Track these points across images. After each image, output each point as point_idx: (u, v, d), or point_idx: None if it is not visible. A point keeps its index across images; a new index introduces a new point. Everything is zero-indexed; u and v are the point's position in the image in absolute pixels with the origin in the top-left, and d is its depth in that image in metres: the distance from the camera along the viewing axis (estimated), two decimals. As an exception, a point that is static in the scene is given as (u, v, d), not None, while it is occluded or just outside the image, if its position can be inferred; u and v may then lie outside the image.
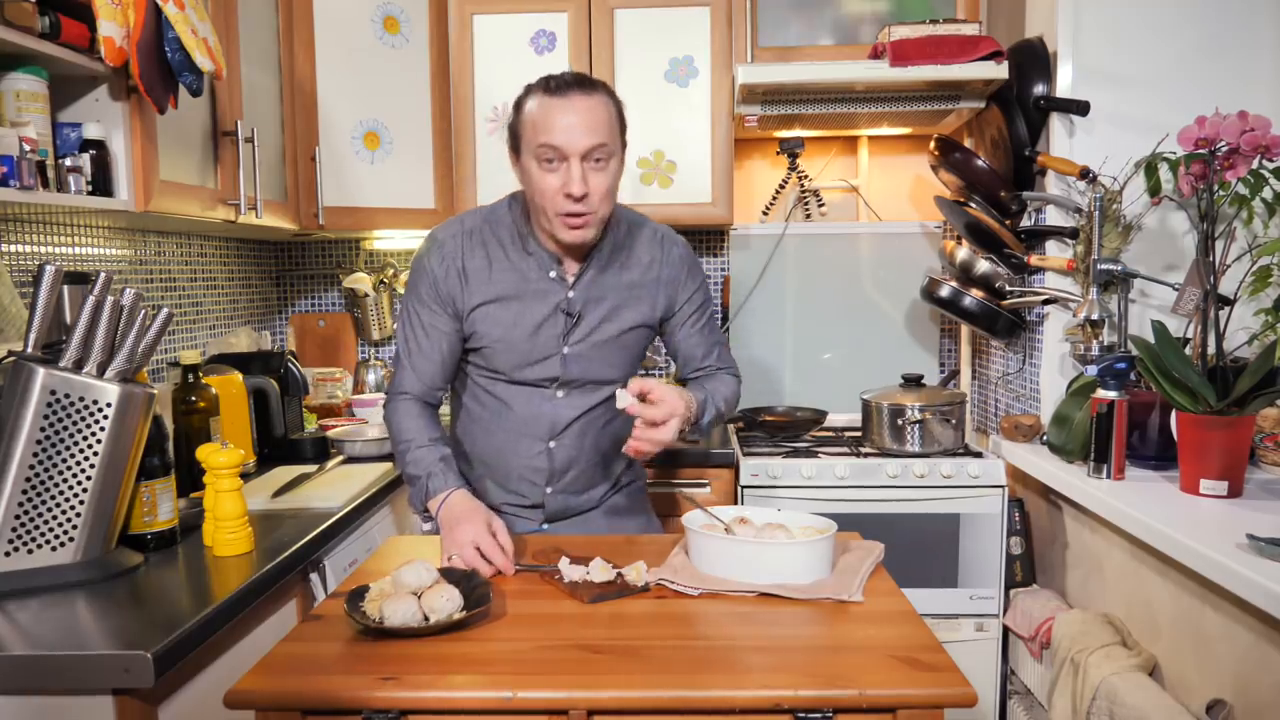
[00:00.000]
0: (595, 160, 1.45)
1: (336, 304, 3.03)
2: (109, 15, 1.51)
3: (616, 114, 1.50)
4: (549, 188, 1.46)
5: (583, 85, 1.47)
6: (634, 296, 1.62)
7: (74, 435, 1.34)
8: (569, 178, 1.44)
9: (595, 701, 0.98)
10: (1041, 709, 2.05)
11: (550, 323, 1.57)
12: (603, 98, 1.48)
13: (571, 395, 1.62)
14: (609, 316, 1.60)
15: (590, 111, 1.45)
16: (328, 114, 2.47)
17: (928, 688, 0.98)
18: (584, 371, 1.61)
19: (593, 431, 1.65)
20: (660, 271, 1.64)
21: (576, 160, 1.44)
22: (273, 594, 1.46)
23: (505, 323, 1.57)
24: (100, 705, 1.12)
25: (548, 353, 1.59)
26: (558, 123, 1.44)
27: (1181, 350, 1.75)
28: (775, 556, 1.27)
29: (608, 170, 1.47)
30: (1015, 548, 2.26)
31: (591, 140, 1.44)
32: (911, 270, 2.82)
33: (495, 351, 1.59)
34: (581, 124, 1.44)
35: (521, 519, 1.69)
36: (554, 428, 1.62)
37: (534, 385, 1.61)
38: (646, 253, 1.63)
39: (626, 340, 1.63)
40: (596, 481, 1.69)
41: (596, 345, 1.60)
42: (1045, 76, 2.21)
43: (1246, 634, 1.40)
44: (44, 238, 1.87)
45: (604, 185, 1.47)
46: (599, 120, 1.45)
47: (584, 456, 1.65)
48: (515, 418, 1.62)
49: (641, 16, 2.58)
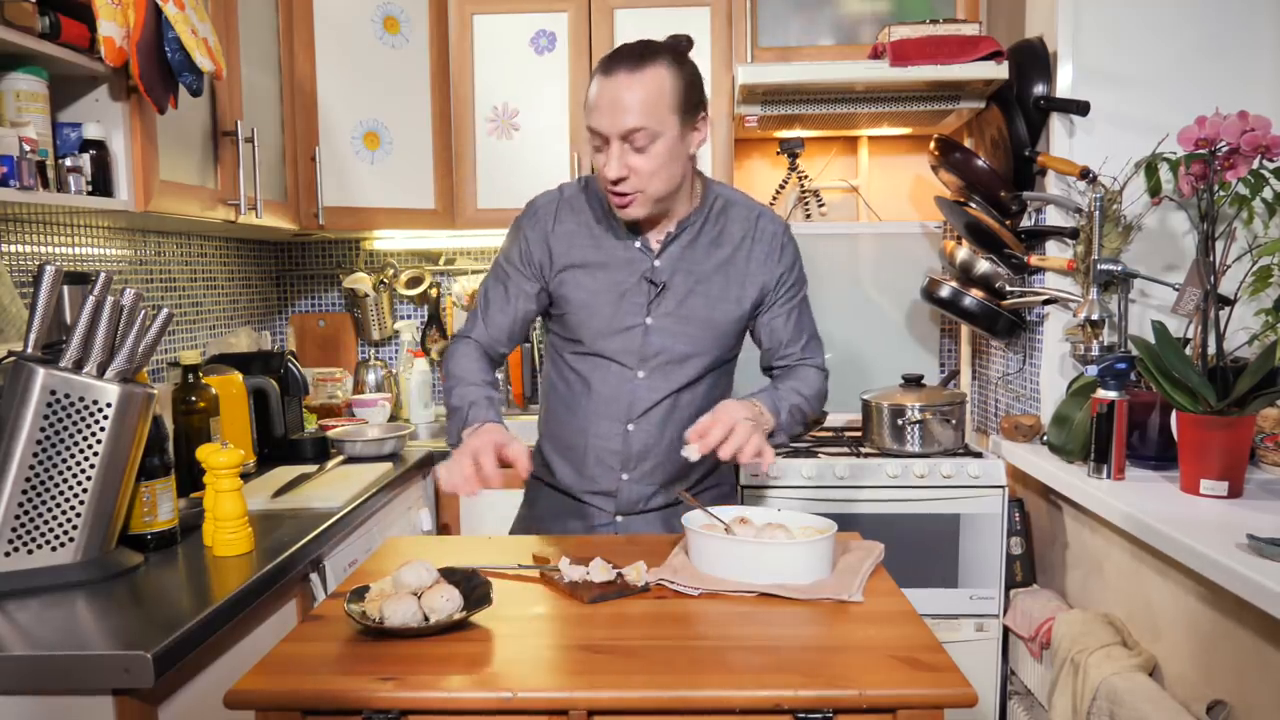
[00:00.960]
0: (638, 144, 1.43)
1: (336, 304, 3.03)
2: (109, 15, 1.51)
3: (673, 87, 1.43)
4: (597, 165, 1.47)
5: (633, 60, 1.42)
6: (723, 274, 1.58)
7: (74, 435, 1.34)
8: (608, 159, 1.44)
9: (595, 701, 0.98)
10: (1041, 709, 2.05)
11: (635, 291, 1.56)
12: (655, 70, 1.42)
13: (653, 376, 1.58)
14: (696, 291, 1.57)
15: (632, 90, 1.40)
16: (328, 114, 2.47)
17: (928, 688, 0.98)
18: (666, 346, 1.57)
19: (672, 422, 1.60)
20: (752, 249, 1.59)
21: (616, 141, 1.43)
22: (273, 594, 1.46)
23: (590, 288, 1.57)
24: (100, 705, 1.12)
25: (631, 322, 1.56)
26: (600, 101, 1.43)
27: (1181, 350, 1.75)
28: (775, 556, 1.27)
29: (649, 152, 1.43)
30: (1015, 548, 2.26)
31: (626, 124, 1.41)
32: (911, 270, 2.82)
33: (579, 319, 1.58)
34: (619, 104, 1.41)
35: (595, 509, 1.65)
36: (632, 410, 1.59)
37: (616, 362, 1.58)
38: (740, 229, 1.60)
39: (714, 319, 1.58)
40: (673, 476, 1.64)
41: (681, 319, 1.57)
42: (1045, 76, 2.21)
43: (1246, 634, 1.40)
44: (44, 238, 1.87)
45: (646, 166, 1.44)
46: (639, 99, 1.40)
47: (662, 445, 1.61)
48: (595, 397, 1.60)
49: (641, 16, 2.59)
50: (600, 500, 1.65)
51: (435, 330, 2.99)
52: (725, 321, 1.60)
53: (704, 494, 1.68)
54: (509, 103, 2.65)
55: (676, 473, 1.64)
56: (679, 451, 1.54)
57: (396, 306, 3.05)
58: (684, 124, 1.47)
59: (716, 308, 1.58)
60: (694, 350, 1.58)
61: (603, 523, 1.66)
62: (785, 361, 1.66)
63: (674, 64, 1.45)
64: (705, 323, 1.58)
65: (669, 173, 1.47)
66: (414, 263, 3.01)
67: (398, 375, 2.91)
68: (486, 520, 2.41)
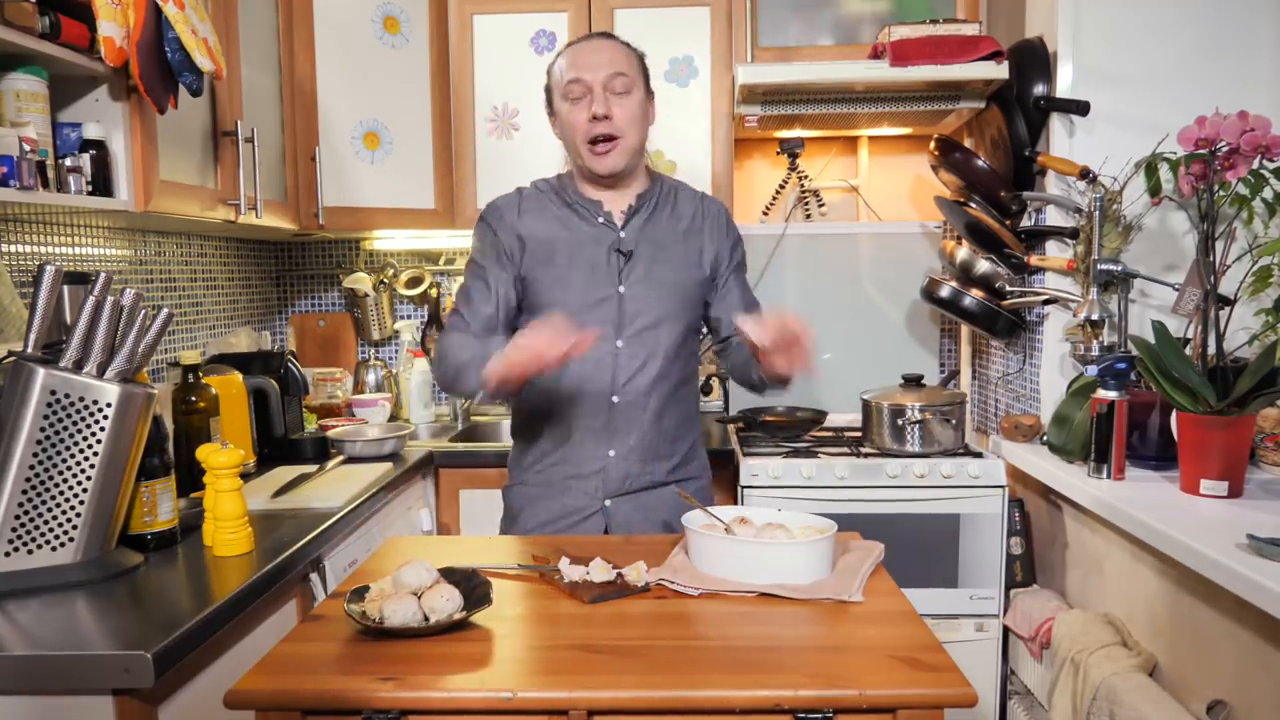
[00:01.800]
0: (618, 90, 1.60)
1: (336, 304, 3.03)
2: (109, 15, 1.51)
3: (637, 57, 1.66)
4: (578, 120, 1.61)
5: (600, 34, 1.67)
6: (683, 242, 1.71)
7: (74, 435, 1.34)
8: (593, 101, 1.59)
9: (595, 701, 0.98)
10: (1041, 709, 2.05)
11: (605, 264, 1.66)
12: (622, 43, 1.65)
13: (631, 344, 1.65)
14: (661, 259, 1.68)
15: (610, 49, 1.62)
16: (328, 114, 2.47)
17: (928, 688, 0.98)
18: (641, 311, 1.65)
19: (655, 393, 1.67)
20: (704, 222, 1.74)
21: (599, 87, 1.59)
22: (273, 594, 1.46)
23: (562, 264, 1.65)
24: (100, 705, 1.12)
25: (605, 293, 1.65)
26: (580, 60, 1.61)
27: (1181, 350, 1.75)
28: (775, 556, 1.27)
29: (630, 98, 1.61)
30: (1015, 548, 2.26)
31: (611, 69, 1.59)
32: (911, 270, 2.82)
33: (554, 296, 1.64)
34: (602, 58, 1.60)
35: (584, 494, 1.69)
36: (616, 380, 1.65)
37: None
38: (689, 206, 1.75)
39: (681, 282, 1.69)
40: (660, 453, 1.70)
41: (652, 285, 1.67)
42: (1045, 76, 2.21)
43: (1246, 634, 1.40)
44: (44, 238, 1.87)
45: (627, 111, 1.61)
46: (618, 55, 1.62)
47: (647, 417, 1.67)
48: (577, 371, 1.64)
49: (641, 16, 2.59)
50: (587, 484, 1.68)
51: (435, 330, 2.99)
52: (691, 284, 1.71)
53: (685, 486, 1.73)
54: (509, 103, 2.65)
55: (660, 448, 1.71)
56: (661, 422, 1.68)
57: (396, 306, 3.05)
58: (645, 91, 1.66)
59: (681, 271, 1.69)
60: (666, 314, 1.68)
61: (591, 510, 1.67)
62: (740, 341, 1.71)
63: (628, 44, 1.67)
64: (674, 286, 1.68)
65: (640, 128, 1.64)
66: (414, 263, 3.01)
67: (398, 375, 2.91)
68: (487, 520, 2.41)
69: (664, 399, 1.68)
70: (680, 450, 1.74)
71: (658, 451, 1.70)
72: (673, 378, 1.70)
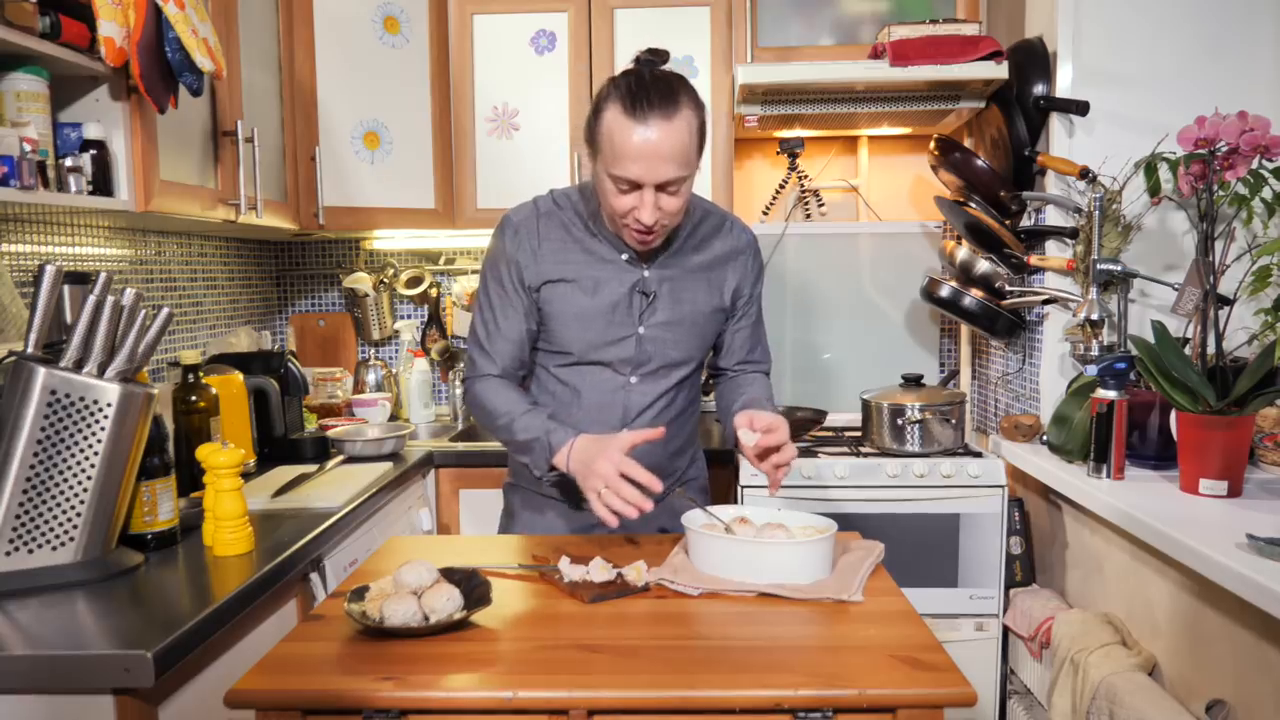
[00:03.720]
0: (669, 189, 1.43)
1: (336, 304, 3.03)
2: (109, 15, 1.51)
3: (697, 129, 1.44)
4: (621, 207, 1.45)
5: (665, 106, 1.39)
6: (707, 279, 1.63)
7: (74, 435, 1.34)
8: (641, 204, 1.43)
9: (595, 701, 0.98)
10: (1041, 709, 2.05)
11: (626, 302, 1.58)
12: (685, 116, 1.41)
13: (644, 381, 1.62)
14: (684, 298, 1.61)
15: (669, 139, 1.38)
16: (328, 114, 2.47)
17: (928, 688, 0.98)
18: (658, 352, 1.61)
19: (664, 422, 1.63)
20: (728, 252, 1.65)
21: (650, 190, 1.42)
22: (273, 594, 1.46)
23: (580, 301, 1.57)
24: (100, 705, 1.12)
25: (624, 333, 1.59)
26: (634, 152, 1.38)
27: (1181, 350, 1.76)
28: (775, 556, 1.27)
29: (680, 193, 1.45)
30: (1015, 547, 2.26)
31: (667, 174, 1.40)
32: (911, 270, 2.82)
33: (572, 333, 1.58)
34: (659, 156, 1.39)
35: (587, 510, 1.62)
36: (626, 415, 1.62)
37: (608, 367, 1.61)
38: (716, 236, 1.65)
39: (700, 322, 1.63)
40: (665, 474, 1.65)
41: (672, 326, 1.60)
42: (1045, 76, 2.21)
43: (1246, 634, 1.40)
44: (44, 238, 1.87)
45: (675, 206, 1.45)
46: (676, 149, 1.39)
47: (656, 448, 1.61)
48: (587, 405, 1.61)
49: (641, 16, 2.58)
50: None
51: (435, 330, 2.99)
52: (710, 324, 1.65)
53: (687, 484, 1.73)
54: (509, 103, 2.65)
55: (664, 468, 1.67)
56: (668, 446, 1.65)
57: (396, 306, 3.05)
58: (698, 160, 1.48)
59: (702, 308, 1.63)
60: (685, 355, 1.64)
61: (594, 521, 1.66)
62: (740, 368, 1.73)
63: (695, 103, 1.44)
64: (692, 327, 1.63)
65: (686, 205, 1.50)
66: (414, 262, 3.01)
67: (398, 375, 2.91)
68: (487, 520, 2.41)
69: (671, 426, 1.65)
70: (682, 465, 1.73)
71: (662, 471, 1.63)
72: (681, 406, 1.67)
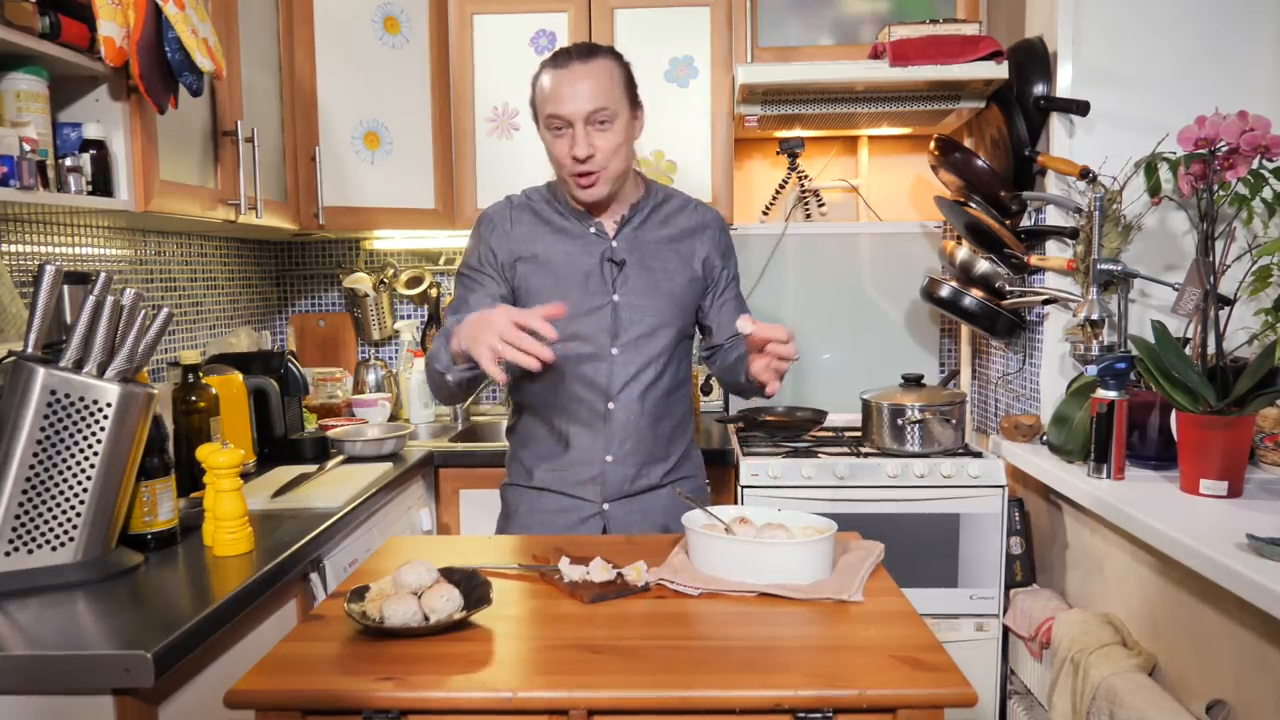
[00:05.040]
0: (599, 123, 1.56)
1: (336, 304, 3.03)
2: (109, 15, 1.51)
3: (621, 75, 1.60)
4: (560, 153, 1.59)
5: (582, 54, 1.58)
6: (675, 249, 1.71)
7: (74, 435, 1.34)
8: (574, 141, 1.56)
9: (595, 701, 0.98)
10: (1041, 709, 2.05)
11: (597, 272, 1.66)
12: (603, 61, 1.59)
13: (626, 352, 1.66)
14: (654, 265, 1.68)
15: (590, 78, 1.56)
16: (328, 114, 2.47)
17: (928, 688, 0.98)
18: (635, 319, 1.66)
19: (649, 397, 1.68)
20: (695, 228, 1.73)
21: (580, 124, 1.56)
22: (273, 594, 1.46)
23: (555, 274, 1.66)
24: (100, 705, 1.12)
25: (599, 301, 1.65)
26: (560, 92, 1.56)
27: (1181, 350, 1.75)
28: (775, 556, 1.27)
29: (612, 129, 1.58)
30: (1015, 548, 2.26)
31: (591, 105, 1.55)
32: (911, 270, 2.82)
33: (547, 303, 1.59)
34: (581, 91, 1.55)
35: (581, 500, 1.69)
36: (611, 387, 1.66)
37: (589, 341, 1.65)
38: (681, 214, 1.74)
39: (675, 291, 1.69)
40: (656, 456, 1.71)
41: (645, 293, 1.67)
42: (1045, 76, 2.21)
43: (1246, 634, 1.40)
44: (44, 238, 1.87)
45: (609, 144, 1.58)
46: (599, 85, 1.56)
47: (642, 421, 1.67)
48: (572, 381, 1.66)
49: (641, 16, 2.59)
50: (586, 489, 1.69)
51: (435, 330, 2.99)
52: (684, 289, 1.71)
53: (682, 484, 1.74)
54: (509, 103, 2.65)
55: (656, 452, 1.71)
56: (657, 427, 1.69)
57: (396, 306, 3.05)
58: (630, 109, 1.62)
59: (675, 277, 1.70)
60: (661, 321, 1.68)
61: (590, 513, 1.68)
62: (734, 340, 1.75)
63: (615, 56, 1.62)
64: (667, 294, 1.69)
65: (625, 152, 1.62)
66: (414, 262, 3.01)
67: (398, 375, 2.91)
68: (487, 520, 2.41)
69: (659, 403, 1.69)
70: (676, 453, 1.75)
71: (654, 455, 1.71)
72: (667, 382, 1.70)
